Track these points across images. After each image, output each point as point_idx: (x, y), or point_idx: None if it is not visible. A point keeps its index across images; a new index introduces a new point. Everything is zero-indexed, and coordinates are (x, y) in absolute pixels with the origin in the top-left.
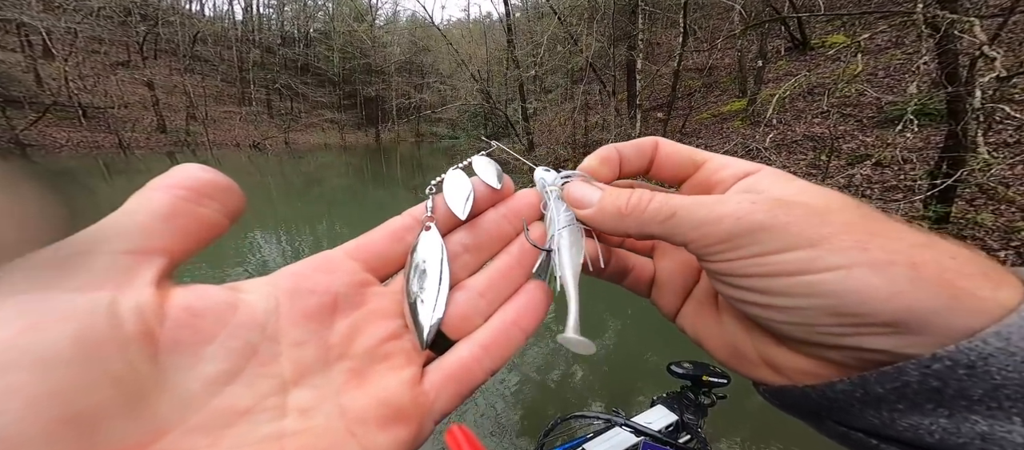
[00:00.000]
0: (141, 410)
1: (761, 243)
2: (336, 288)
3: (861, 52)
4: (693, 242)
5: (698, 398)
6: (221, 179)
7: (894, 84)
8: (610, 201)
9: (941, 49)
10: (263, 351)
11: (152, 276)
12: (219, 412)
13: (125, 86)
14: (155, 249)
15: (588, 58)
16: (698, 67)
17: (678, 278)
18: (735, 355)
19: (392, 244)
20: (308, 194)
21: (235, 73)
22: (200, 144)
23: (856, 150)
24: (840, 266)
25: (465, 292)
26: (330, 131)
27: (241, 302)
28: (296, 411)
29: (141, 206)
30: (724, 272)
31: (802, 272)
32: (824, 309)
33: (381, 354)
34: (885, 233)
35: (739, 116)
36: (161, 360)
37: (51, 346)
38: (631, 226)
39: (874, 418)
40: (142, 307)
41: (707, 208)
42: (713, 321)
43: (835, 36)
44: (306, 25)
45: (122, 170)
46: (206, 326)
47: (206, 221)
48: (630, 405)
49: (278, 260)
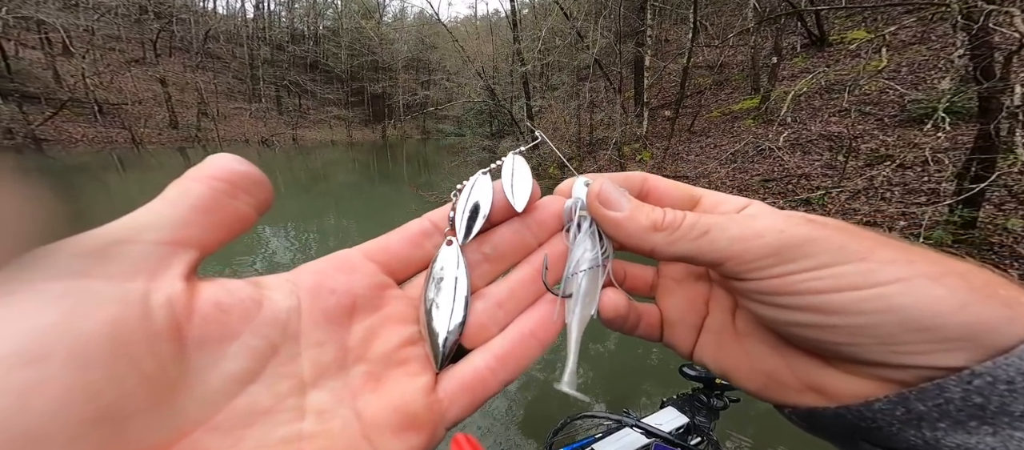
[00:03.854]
0: (167, 408)
1: (811, 257)
2: (356, 289)
3: (885, 46)
4: (731, 259)
5: (710, 401)
6: (255, 172)
7: (918, 81)
8: (644, 213)
9: (976, 42)
10: (284, 351)
11: (183, 268)
12: (240, 412)
13: (139, 83)
14: (189, 240)
15: (594, 54)
16: (709, 64)
17: (687, 314)
18: (771, 383)
19: (410, 248)
20: (315, 189)
21: (246, 70)
22: (210, 140)
23: (876, 150)
24: (900, 278)
25: (484, 301)
26: (337, 128)
27: (265, 299)
28: (314, 413)
29: (181, 196)
30: (769, 291)
31: (862, 286)
32: (897, 324)
33: (397, 359)
34: (912, 250)
35: (751, 114)
36: (187, 356)
37: (85, 339)
38: (661, 242)
39: (916, 438)
40: (173, 301)
41: (743, 224)
42: (737, 350)
43: (855, 31)
44: (316, 22)
45: (135, 165)
46: (232, 323)
47: (239, 214)
48: (635, 406)
49: (286, 253)
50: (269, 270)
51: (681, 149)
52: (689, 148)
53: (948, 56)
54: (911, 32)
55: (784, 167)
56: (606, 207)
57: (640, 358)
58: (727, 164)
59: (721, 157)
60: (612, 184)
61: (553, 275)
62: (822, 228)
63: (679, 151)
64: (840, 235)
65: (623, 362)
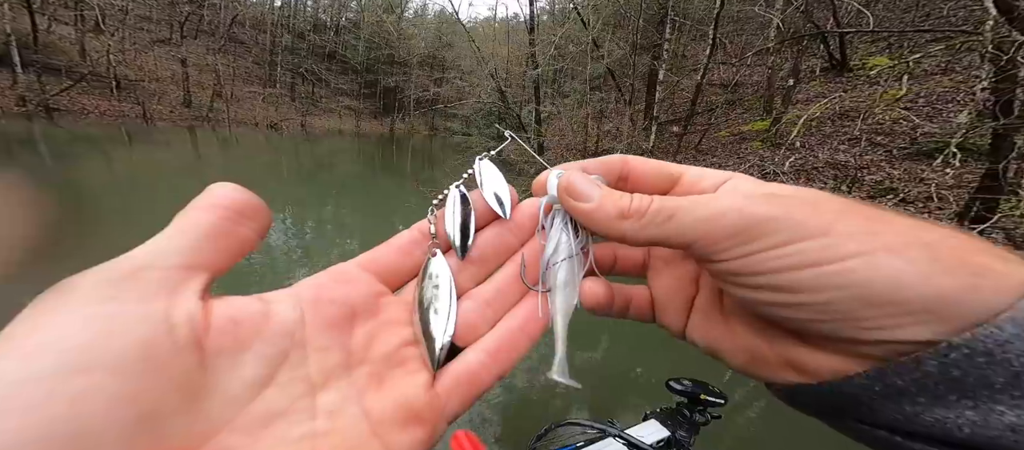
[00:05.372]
0: (196, 410)
1: (770, 235)
2: (354, 299)
3: (908, 74)
4: (697, 242)
5: (693, 416)
6: (256, 201)
7: (935, 113)
8: (612, 201)
9: (1001, 76)
10: (293, 357)
11: (198, 289)
12: (258, 413)
13: (161, 62)
14: (201, 264)
15: (608, 65)
16: (723, 82)
17: (676, 294)
18: (753, 361)
19: (401, 258)
20: (318, 177)
21: (265, 56)
22: (221, 121)
23: (880, 182)
24: (860, 252)
25: (473, 301)
26: (346, 117)
27: (272, 312)
28: (325, 413)
29: (189, 226)
30: (735, 271)
31: (823, 262)
32: (856, 299)
33: (397, 359)
34: (880, 218)
35: (760, 137)
36: (208, 365)
37: (123, 351)
38: (629, 229)
39: (897, 413)
40: (192, 317)
41: (705, 206)
42: (723, 329)
43: (878, 58)
44: (339, 14)
45: (143, 140)
46: (244, 334)
47: (244, 240)
48: (617, 417)
49: (283, 242)
50: (264, 257)
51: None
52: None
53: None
54: (935, 61)
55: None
56: (575, 199)
57: (624, 369)
58: None
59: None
60: (581, 175)
61: (532, 272)
62: (783, 203)
63: None
64: (801, 209)
65: (607, 372)
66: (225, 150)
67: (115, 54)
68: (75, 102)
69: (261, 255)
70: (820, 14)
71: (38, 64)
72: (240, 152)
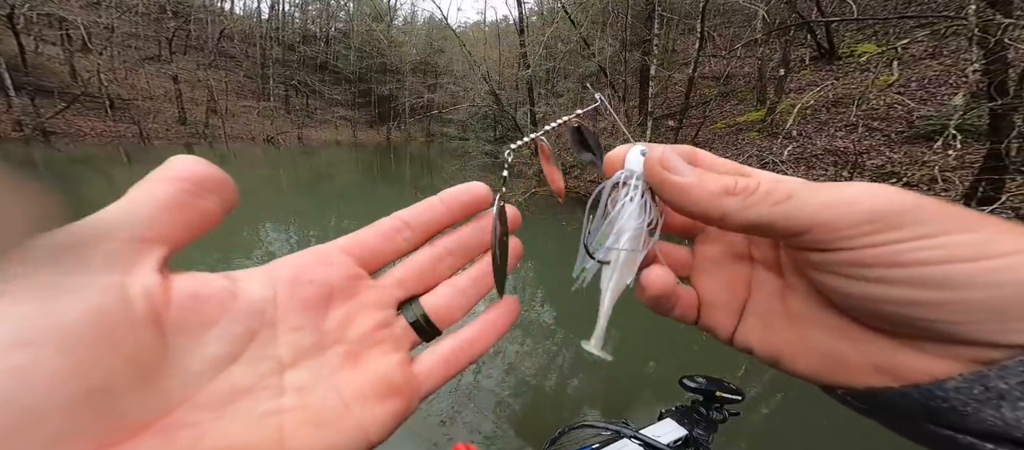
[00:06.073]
0: (152, 387)
1: (920, 224)
2: (333, 280)
3: (897, 60)
4: (820, 226)
5: (709, 413)
6: (219, 173)
7: (929, 96)
8: (713, 177)
9: (991, 57)
10: (262, 336)
11: (155, 263)
12: (222, 390)
13: (152, 79)
14: (157, 237)
15: (599, 63)
16: (715, 75)
17: (727, 296)
18: (831, 364)
19: (382, 242)
20: (317, 188)
21: (256, 69)
22: (217, 137)
23: (881, 167)
24: (1018, 250)
25: (450, 288)
26: (342, 128)
27: (240, 290)
28: (293, 389)
29: (146, 196)
30: (862, 262)
31: (979, 257)
32: (1012, 298)
33: (373, 340)
34: (1019, 225)
35: (756, 127)
36: (168, 341)
37: (71, 325)
38: (733, 207)
39: (994, 418)
40: (149, 291)
41: (832, 190)
42: (790, 333)
43: (866, 45)
44: (328, 24)
45: (141, 159)
46: (209, 311)
47: (206, 213)
48: (631, 416)
49: (286, 250)
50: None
51: None
52: None
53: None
54: (923, 47)
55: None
56: (669, 171)
57: (635, 368)
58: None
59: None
60: (675, 152)
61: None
62: (922, 198)
63: None
64: (944, 206)
65: (618, 372)
66: (224, 166)
67: (106, 73)
68: (71, 124)
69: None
70: (804, 4)
71: (30, 86)
72: (239, 167)
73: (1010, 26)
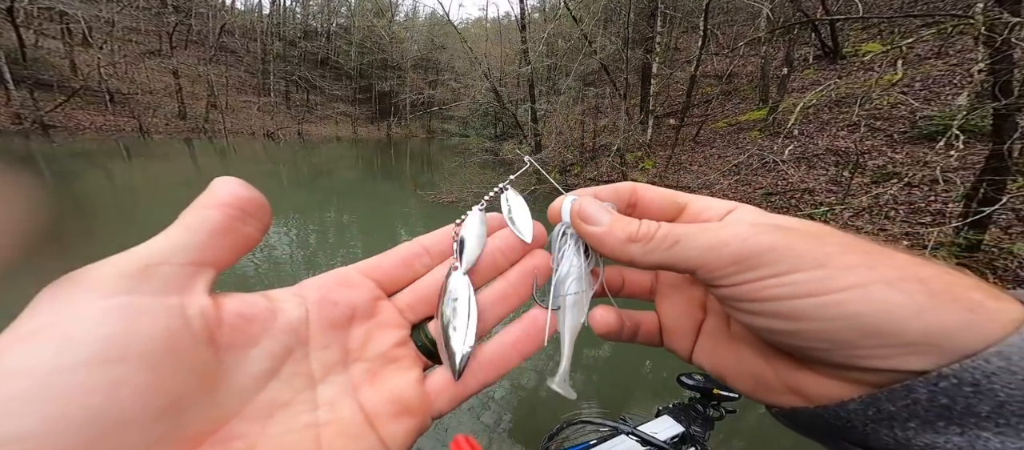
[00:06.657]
0: (212, 400)
1: (770, 265)
2: (355, 302)
3: (901, 59)
4: (701, 268)
5: (706, 411)
6: (259, 198)
7: (932, 96)
8: (621, 225)
9: (997, 57)
10: (297, 353)
11: (206, 285)
12: (265, 404)
13: (153, 74)
14: (208, 261)
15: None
16: (717, 73)
17: (684, 318)
18: (757, 385)
19: (401, 268)
20: (317, 184)
21: (257, 64)
22: (217, 132)
23: (883, 167)
24: (856, 285)
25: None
26: (343, 124)
27: (279, 310)
28: (326, 404)
29: (198, 222)
30: (738, 297)
31: (820, 293)
32: (851, 329)
33: (391, 357)
34: (879, 253)
35: (757, 126)
36: (221, 358)
37: (150, 344)
38: (637, 253)
39: (888, 437)
40: (204, 311)
41: (711, 233)
42: (730, 354)
43: (870, 44)
44: (329, 20)
45: (140, 153)
46: (253, 330)
47: (248, 237)
48: (629, 413)
49: (285, 246)
50: (268, 260)
51: (685, 159)
52: (693, 158)
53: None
54: (928, 46)
55: (788, 181)
56: (586, 222)
57: (634, 365)
58: (730, 176)
59: (724, 168)
60: (593, 200)
61: (541, 282)
62: (787, 235)
63: (682, 161)
64: (804, 242)
65: (617, 368)
66: (224, 161)
67: (106, 67)
68: (70, 117)
69: (266, 261)
70: (809, 3)
71: (29, 80)
72: (239, 162)
73: (1017, 25)
